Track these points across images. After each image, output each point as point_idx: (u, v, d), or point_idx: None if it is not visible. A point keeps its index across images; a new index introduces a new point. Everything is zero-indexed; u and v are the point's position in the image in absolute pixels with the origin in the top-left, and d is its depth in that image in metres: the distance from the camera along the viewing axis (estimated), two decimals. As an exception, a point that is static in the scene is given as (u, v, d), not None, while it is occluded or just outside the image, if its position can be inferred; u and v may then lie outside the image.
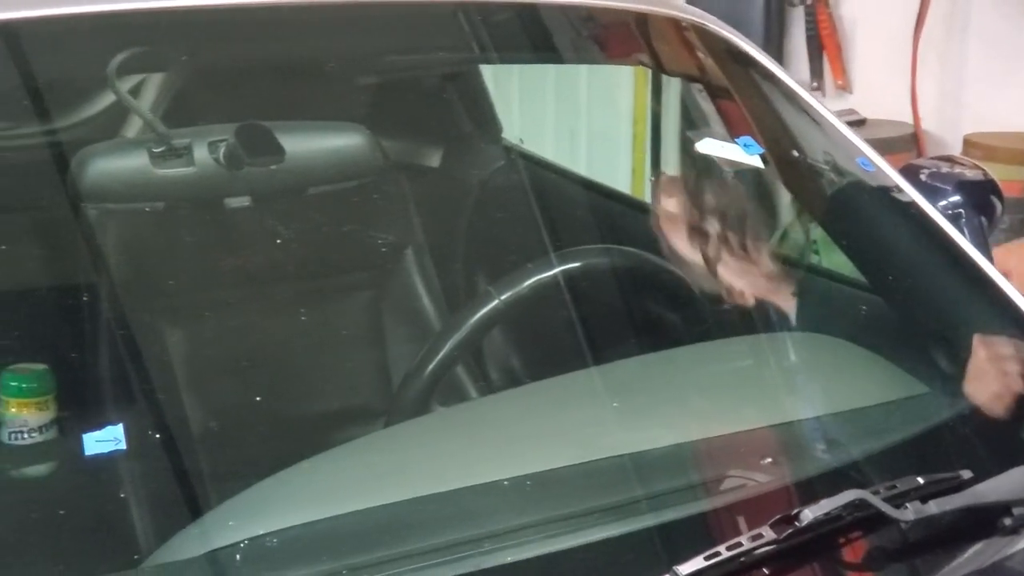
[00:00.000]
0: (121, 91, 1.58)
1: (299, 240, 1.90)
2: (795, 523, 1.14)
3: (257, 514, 1.25)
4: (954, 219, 1.76)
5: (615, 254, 1.77)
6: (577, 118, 3.76)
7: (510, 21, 1.82)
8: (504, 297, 1.66)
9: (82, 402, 1.66)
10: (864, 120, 4.28)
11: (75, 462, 1.62)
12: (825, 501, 1.16)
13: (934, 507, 1.20)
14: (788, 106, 1.82)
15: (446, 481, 1.27)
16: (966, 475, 1.26)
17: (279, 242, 1.85)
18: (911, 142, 4.18)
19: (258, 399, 1.77)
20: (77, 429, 1.63)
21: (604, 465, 1.30)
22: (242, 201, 1.71)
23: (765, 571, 1.15)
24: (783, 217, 1.93)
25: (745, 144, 1.75)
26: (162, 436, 1.55)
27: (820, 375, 1.58)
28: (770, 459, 1.35)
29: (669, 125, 3.14)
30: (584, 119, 3.78)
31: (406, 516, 1.23)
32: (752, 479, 1.31)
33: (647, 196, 3.38)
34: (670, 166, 3.18)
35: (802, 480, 1.31)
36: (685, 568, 1.10)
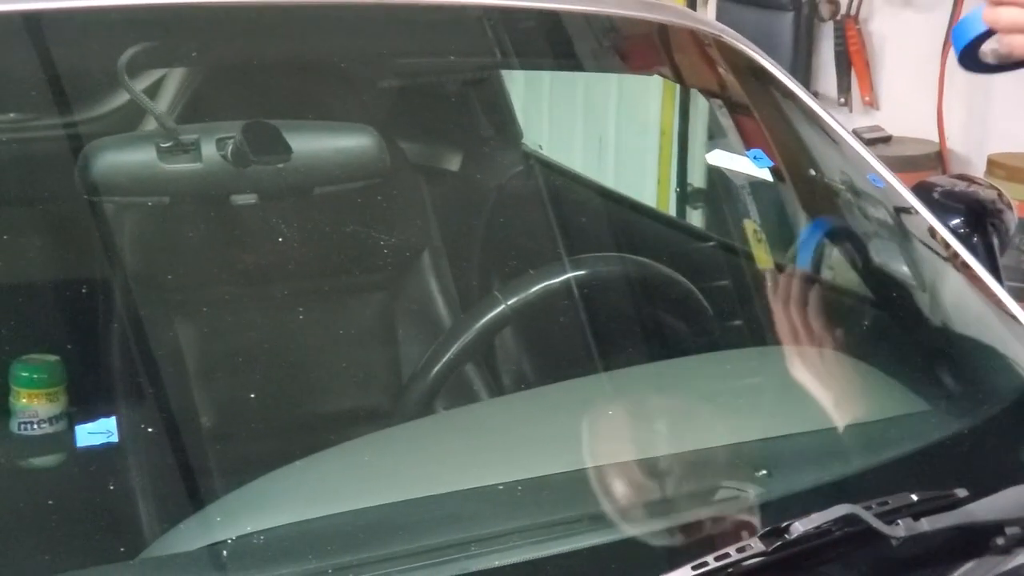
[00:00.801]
0: (130, 85, 1.59)
1: (315, 239, 1.90)
2: (784, 536, 1.14)
3: (252, 511, 1.26)
4: (966, 238, 1.76)
5: (623, 262, 1.77)
6: (605, 127, 3.76)
7: (533, 28, 1.83)
8: (511, 302, 1.66)
9: (92, 394, 1.68)
10: (890, 137, 4.27)
11: (84, 454, 1.63)
12: (816, 515, 1.15)
13: (926, 524, 1.20)
14: (803, 120, 1.83)
15: (440, 484, 1.28)
16: (961, 493, 1.25)
17: (294, 241, 1.86)
18: (936, 160, 4.17)
19: (267, 396, 1.78)
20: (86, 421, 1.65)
21: (595, 472, 1.30)
22: (248, 199, 1.71)
23: (752, 583, 1.15)
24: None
25: (755, 156, 1.76)
26: (170, 430, 1.56)
27: (823, 389, 1.57)
28: (764, 471, 1.35)
29: (696, 138, 3.15)
30: (612, 129, 3.78)
31: (400, 517, 1.23)
32: (745, 491, 1.30)
33: (671, 207, 3.39)
34: (696, 178, 3.19)
35: (795, 493, 1.30)
36: (672, 577, 1.10)
